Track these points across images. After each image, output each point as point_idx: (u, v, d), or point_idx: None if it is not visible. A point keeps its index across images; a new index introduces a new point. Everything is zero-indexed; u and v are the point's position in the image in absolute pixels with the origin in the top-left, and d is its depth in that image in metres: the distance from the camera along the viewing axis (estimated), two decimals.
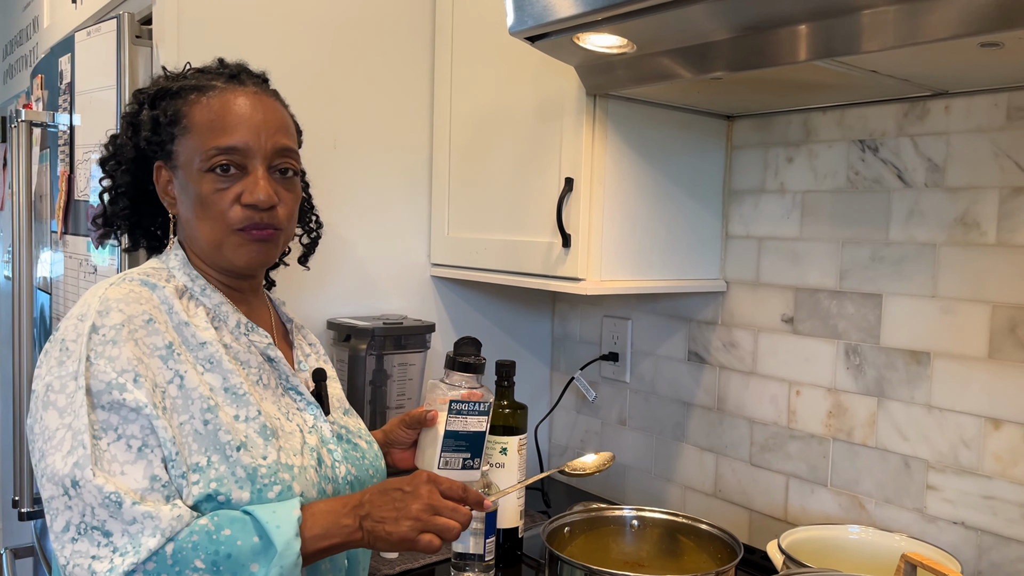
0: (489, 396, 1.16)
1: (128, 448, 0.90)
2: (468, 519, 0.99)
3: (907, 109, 1.37)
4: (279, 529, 0.91)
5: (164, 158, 1.07)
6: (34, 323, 1.98)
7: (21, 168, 1.80)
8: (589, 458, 1.28)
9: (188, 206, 1.05)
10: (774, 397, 1.58)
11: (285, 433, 1.03)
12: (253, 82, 1.11)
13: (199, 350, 1.00)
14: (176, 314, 1.01)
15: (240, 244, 1.04)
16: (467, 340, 1.16)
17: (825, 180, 1.49)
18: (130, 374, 0.92)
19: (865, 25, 1.03)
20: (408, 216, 1.84)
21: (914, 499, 1.38)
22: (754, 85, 1.36)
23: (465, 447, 1.13)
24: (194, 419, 0.95)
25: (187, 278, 1.06)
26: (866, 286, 1.43)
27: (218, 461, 0.94)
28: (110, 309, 0.96)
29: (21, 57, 2.87)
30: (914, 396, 1.37)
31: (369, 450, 1.17)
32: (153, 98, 1.08)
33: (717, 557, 1.26)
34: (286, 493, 0.98)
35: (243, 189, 1.02)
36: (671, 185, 1.57)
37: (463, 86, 1.75)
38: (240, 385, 1.01)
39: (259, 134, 1.04)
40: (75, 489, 0.87)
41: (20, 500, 1.91)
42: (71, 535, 0.87)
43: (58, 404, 0.91)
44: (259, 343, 1.08)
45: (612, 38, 1.23)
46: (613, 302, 1.92)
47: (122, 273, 1.05)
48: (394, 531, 0.95)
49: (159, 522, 0.88)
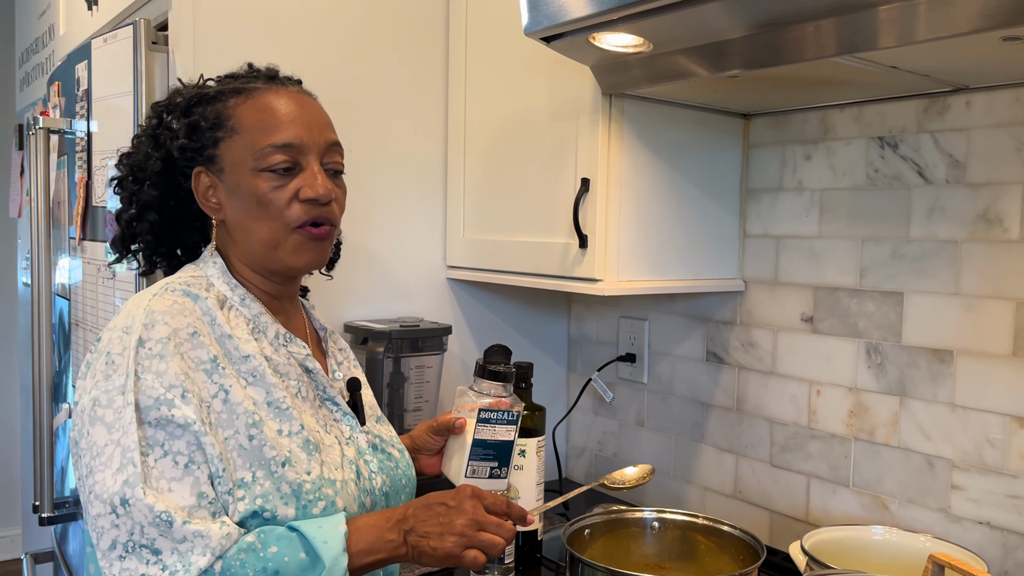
0: (518, 405, 1.15)
1: (175, 465, 0.90)
2: (513, 535, 0.98)
3: (927, 105, 1.36)
4: (326, 545, 0.90)
5: (205, 163, 1.04)
6: (52, 329, 1.99)
7: (39, 175, 1.81)
8: (629, 471, 1.27)
9: (240, 208, 1.03)
10: (794, 397, 1.57)
11: (325, 447, 1.02)
12: (291, 83, 1.11)
13: (242, 363, 0.99)
14: (219, 326, 0.99)
15: (299, 243, 1.03)
16: (497, 348, 1.15)
17: (844, 177, 1.48)
18: (178, 389, 0.91)
19: (885, 20, 1.02)
20: (423, 218, 1.84)
21: (938, 499, 1.36)
22: (771, 82, 1.35)
23: (493, 456, 1.12)
24: (239, 434, 0.94)
25: (226, 287, 1.04)
26: (887, 284, 1.42)
27: (263, 477, 0.94)
28: (156, 322, 0.94)
29: (37, 65, 2.89)
30: (937, 395, 1.36)
31: (402, 459, 1.16)
32: (186, 106, 1.06)
33: (739, 559, 1.25)
34: (330, 508, 0.97)
35: (301, 184, 1.01)
36: (688, 184, 1.56)
37: (478, 87, 1.75)
38: (283, 399, 1.00)
39: (311, 130, 1.03)
40: (124, 507, 0.86)
41: (41, 505, 1.92)
42: (118, 553, 0.87)
43: (106, 419, 0.90)
44: (297, 354, 1.06)
45: (628, 37, 1.23)
46: (629, 303, 1.91)
47: (163, 282, 1.03)
48: (439, 547, 0.94)
49: (209, 540, 0.87)
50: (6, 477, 3.84)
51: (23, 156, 3.06)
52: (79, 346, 1.88)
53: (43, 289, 1.86)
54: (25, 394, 3.28)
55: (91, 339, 1.79)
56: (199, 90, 1.07)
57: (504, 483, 1.14)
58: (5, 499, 3.87)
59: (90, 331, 1.80)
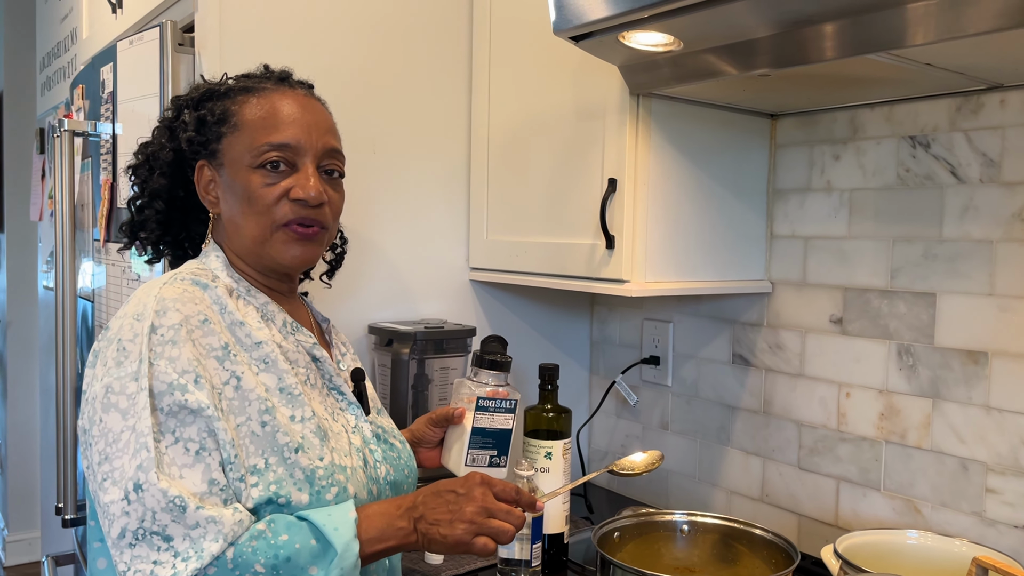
0: (516, 394, 1.15)
1: (186, 451, 0.90)
2: (522, 521, 0.98)
3: (960, 103, 1.34)
4: (337, 532, 0.90)
5: (208, 157, 1.06)
6: (76, 330, 1.99)
7: (64, 177, 1.82)
8: (637, 457, 1.26)
9: (233, 203, 1.04)
10: (823, 399, 1.55)
11: (334, 434, 1.03)
12: (301, 86, 1.12)
13: (254, 350, 0.99)
14: (230, 313, 1.00)
15: (285, 241, 1.04)
16: (493, 338, 1.16)
17: (874, 177, 1.46)
18: (191, 375, 0.92)
19: (923, 15, 1.01)
20: (447, 220, 1.84)
21: (972, 503, 1.34)
22: (801, 81, 1.33)
23: (492, 444, 1.13)
24: (251, 421, 0.94)
25: (230, 279, 1.05)
26: (918, 285, 1.40)
27: (276, 463, 0.94)
28: (167, 309, 0.95)
29: (59, 69, 2.91)
30: (971, 397, 1.34)
31: (403, 450, 1.17)
32: (198, 100, 1.09)
33: (772, 562, 1.24)
34: (342, 495, 0.97)
35: (293, 184, 1.02)
36: (715, 185, 1.55)
37: (501, 88, 1.74)
38: (295, 385, 1.00)
39: (310, 133, 1.04)
40: (136, 493, 0.86)
41: (64, 507, 1.92)
42: (128, 540, 0.86)
43: (120, 406, 0.90)
44: (305, 342, 1.07)
45: (658, 36, 1.22)
46: (653, 304, 1.90)
47: (172, 272, 1.04)
48: (449, 534, 0.94)
49: (222, 526, 0.87)
50: (26, 480, 3.86)
51: (44, 160, 3.08)
52: None
53: (67, 291, 1.86)
54: (45, 397, 3.29)
55: None
56: (212, 86, 1.10)
57: (503, 471, 1.15)
58: (25, 502, 3.89)
59: None
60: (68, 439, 1.90)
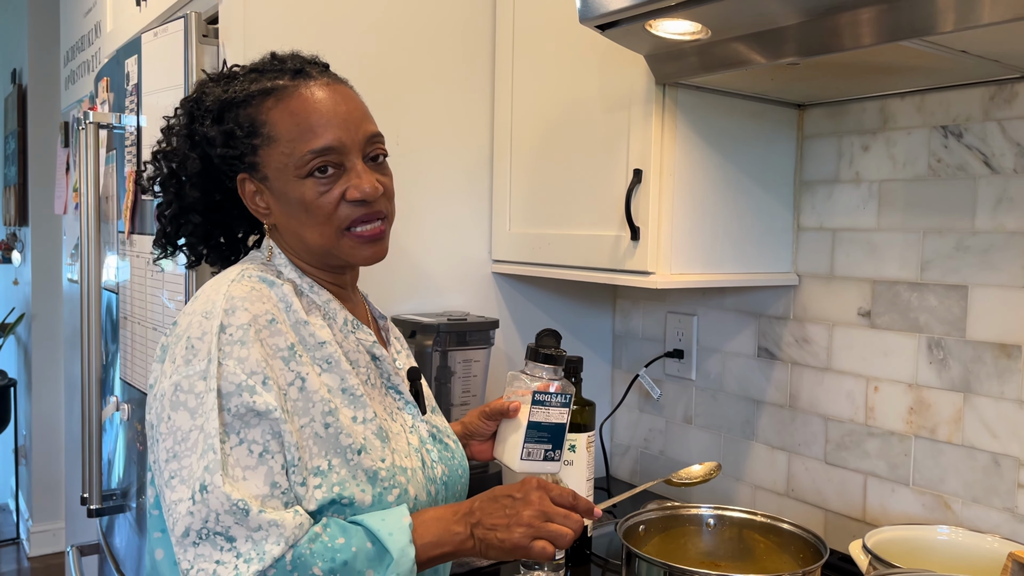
0: (570, 388, 1.14)
1: (250, 454, 0.89)
2: (580, 525, 0.97)
3: (993, 92, 1.31)
4: (392, 536, 0.90)
5: (247, 170, 1.01)
6: (101, 323, 2.00)
7: (89, 169, 1.82)
8: (695, 468, 1.26)
9: (288, 214, 1.01)
10: (850, 393, 1.53)
11: (393, 434, 1.02)
12: (318, 71, 1.04)
13: (317, 350, 0.98)
14: (295, 312, 0.98)
15: (354, 247, 1.01)
16: (548, 332, 1.15)
17: (904, 168, 1.44)
18: (259, 376, 0.91)
19: (958, 0, 0.99)
20: (469, 212, 1.83)
21: (1004, 499, 1.32)
22: (831, 70, 1.31)
23: (547, 438, 1.12)
24: (315, 422, 0.94)
25: (295, 275, 1.03)
26: (950, 277, 1.38)
27: (339, 465, 0.93)
28: (236, 308, 0.93)
29: (83, 62, 2.93)
30: (1004, 391, 1.31)
31: (457, 450, 1.15)
32: (218, 112, 1.01)
33: (799, 557, 1.22)
34: (403, 496, 0.97)
35: (347, 186, 0.99)
36: (741, 176, 1.53)
37: (525, 79, 1.73)
38: (357, 386, 0.99)
39: (348, 128, 1.00)
40: (202, 494, 0.86)
41: (89, 497, 1.93)
42: (192, 539, 0.86)
43: (188, 405, 0.90)
44: (365, 341, 1.06)
45: (686, 24, 1.20)
46: (677, 297, 1.88)
47: (240, 268, 1.01)
48: (507, 538, 0.93)
49: (283, 530, 0.87)
50: (50, 471, 3.91)
51: (68, 154, 3.10)
52: (127, 340, 1.89)
53: (92, 283, 1.88)
54: (69, 390, 3.32)
55: (140, 332, 1.80)
56: (223, 93, 1.02)
57: (558, 466, 1.13)
58: (49, 493, 3.93)
59: (138, 324, 1.81)
60: (94, 430, 1.91)
